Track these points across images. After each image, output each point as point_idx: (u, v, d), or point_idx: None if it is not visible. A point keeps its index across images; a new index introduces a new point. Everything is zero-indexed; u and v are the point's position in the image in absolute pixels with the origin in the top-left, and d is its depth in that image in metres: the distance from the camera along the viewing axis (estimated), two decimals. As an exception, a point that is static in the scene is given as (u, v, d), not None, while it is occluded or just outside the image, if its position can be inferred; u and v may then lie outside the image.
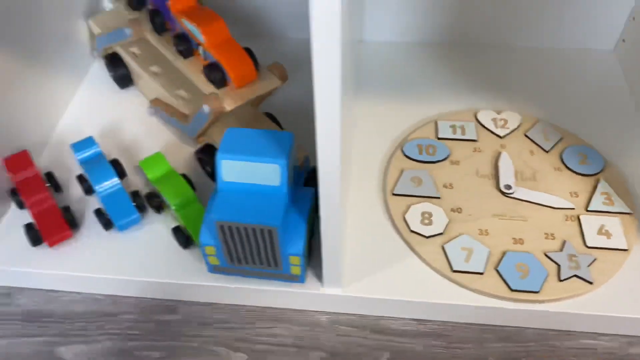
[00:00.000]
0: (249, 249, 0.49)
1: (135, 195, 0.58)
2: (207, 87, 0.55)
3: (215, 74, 0.53)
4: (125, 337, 0.54)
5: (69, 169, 0.64)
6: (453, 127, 0.65)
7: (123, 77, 0.71)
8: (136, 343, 0.54)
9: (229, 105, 0.52)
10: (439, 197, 0.58)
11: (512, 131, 0.64)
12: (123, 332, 0.55)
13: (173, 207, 0.55)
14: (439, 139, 0.64)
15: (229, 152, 0.47)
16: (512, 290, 0.51)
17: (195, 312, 0.56)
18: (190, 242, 0.56)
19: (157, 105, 0.66)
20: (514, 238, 0.55)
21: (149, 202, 0.59)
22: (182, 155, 0.65)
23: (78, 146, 0.60)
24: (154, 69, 0.66)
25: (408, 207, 0.58)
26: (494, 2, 0.72)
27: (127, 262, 0.55)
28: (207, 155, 0.60)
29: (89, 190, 0.60)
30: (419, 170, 0.60)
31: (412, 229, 0.56)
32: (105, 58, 0.71)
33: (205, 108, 0.53)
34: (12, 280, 0.57)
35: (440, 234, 0.55)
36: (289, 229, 0.48)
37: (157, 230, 0.58)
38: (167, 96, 0.64)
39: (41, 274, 0.56)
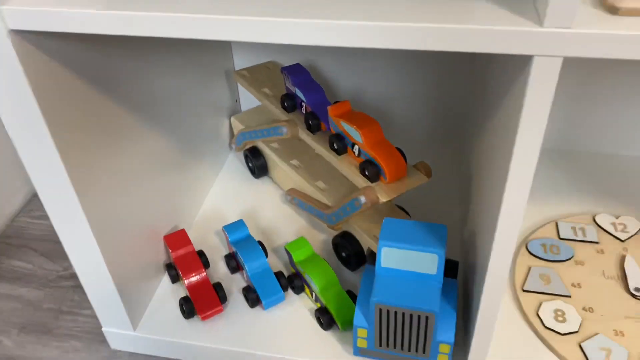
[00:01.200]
0: (400, 334, 0.52)
1: (279, 275, 0.63)
2: (359, 181, 0.60)
3: (372, 169, 0.58)
4: (268, 413, 0.57)
5: (214, 248, 0.70)
6: (573, 228, 0.68)
7: (261, 168, 0.79)
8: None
9: (383, 198, 0.57)
10: (569, 296, 0.61)
11: (632, 235, 0.67)
12: (265, 408, 0.57)
13: (318, 289, 0.60)
14: (561, 239, 0.67)
15: (390, 240, 0.51)
16: (657, 393, 0.52)
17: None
18: (331, 324, 0.59)
19: (294, 195, 0.72)
20: (650, 341, 0.56)
21: (291, 283, 0.63)
22: (314, 240, 0.70)
23: (230, 228, 0.66)
24: (294, 162, 0.74)
25: (540, 304, 0.60)
26: (604, 112, 0.77)
27: (272, 340, 0.59)
28: (344, 242, 0.65)
29: (235, 269, 0.66)
30: (546, 268, 0.63)
31: (546, 325, 0.58)
32: (246, 151, 0.79)
33: (362, 199, 0.58)
34: (161, 351, 0.62)
35: (576, 332, 0.57)
36: (441, 316, 0.52)
37: (298, 310, 0.62)
38: (306, 186, 0.70)
39: (193, 346, 0.60)
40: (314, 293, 0.61)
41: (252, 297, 0.61)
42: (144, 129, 0.61)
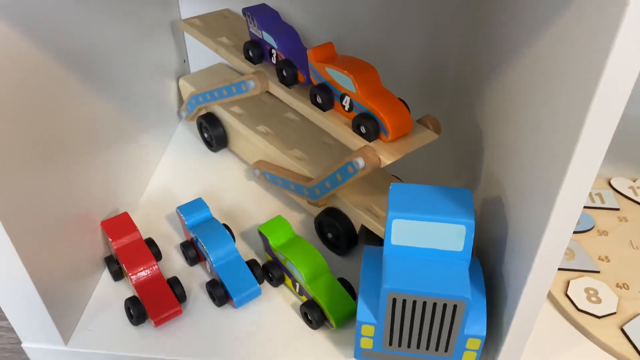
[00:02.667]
0: (418, 329, 0.41)
1: (253, 265, 0.51)
2: (353, 141, 0.48)
3: (369, 124, 0.46)
4: None
5: (166, 236, 0.56)
6: (590, 194, 0.59)
7: (219, 138, 0.65)
8: None
9: (387, 159, 0.46)
10: (598, 271, 0.51)
11: (655, 200, 0.59)
12: None
13: (303, 278, 0.48)
14: (577, 207, 0.58)
15: (403, 210, 0.40)
16: None
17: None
18: (322, 321, 0.47)
19: (263, 168, 0.59)
20: (699, 319, 0.47)
21: (268, 273, 0.51)
22: (290, 222, 0.57)
23: (187, 209, 0.53)
24: (261, 128, 0.61)
25: (567, 283, 0.50)
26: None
27: (247, 345, 0.47)
28: (331, 220, 0.53)
29: (195, 259, 0.53)
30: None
31: (579, 307, 0.48)
32: (200, 118, 0.66)
33: (360, 161, 0.46)
34: (103, 367, 0.48)
35: (614, 313, 0.48)
36: (472, 305, 0.41)
37: (278, 307, 0.50)
38: (279, 156, 0.58)
39: (142, 359, 0.46)
40: (297, 284, 0.49)
41: (219, 293, 0.49)
42: (71, 92, 0.46)
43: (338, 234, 0.53)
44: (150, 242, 0.52)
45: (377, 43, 0.71)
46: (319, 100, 0.50)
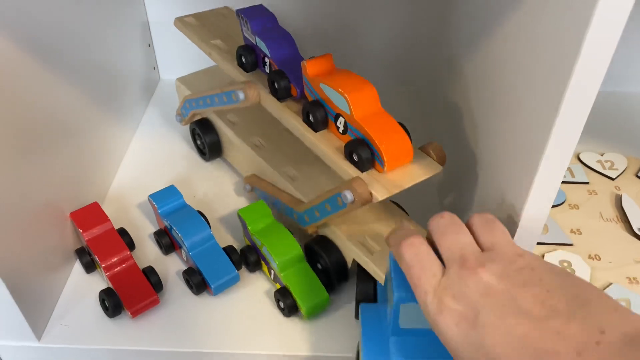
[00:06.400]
0: None
1: (230, 250, 0.50)
2: (345, 169, 0.42)
3: (363, 152, 0.41)
4: None
5: (138, 225, 0.55)
6: (560, 169, 0.60)
7: (213, 147, 0.61)
8: None
9: (380, 194, 0.40)
10: (571, 244, 0.53)
11: (622, 172, 0.60)
12: (227, 421, 0.44)
13: (277, 265, 0.47)
14: (549, 182, 0.59)
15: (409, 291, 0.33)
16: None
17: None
18: (294, 310, 0.47)
19: (255, 184, 0.55)
20: (668, 285, 0.49)
21: (245, 258, 0.50)
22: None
23: (159, 196, 0.52)
24: (256, 140, 0.56)
25: (542, 256, 0.51)
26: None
27: (225, 333, 0.46)
28: (321, 250, 0.48)
29: (169, 247, 0.51)
30: (540, 216, 0.55)
31: (554, 279, 0.49)
32: (193, 124, 0.61)
33: (348, 195, 0.41)
34: (79, 362, 0.47)
35: (587, 284, 0.49)
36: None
37: (258, 293, 0.49)
38: (271, 172, 0.54)
39: (120, 351, 0.45)
40: (272, 271, 0.49)
41: (197, 281, 0.48)
42: (34, 82, 0.44)
43: (327, 266, 0.48)
44: (122, 232, 0.51)
45: (352, 22, 0.70)
46: (311, 119, 0.45)
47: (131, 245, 0.51)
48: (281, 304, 0.47)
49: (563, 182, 0.59)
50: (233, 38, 0.55)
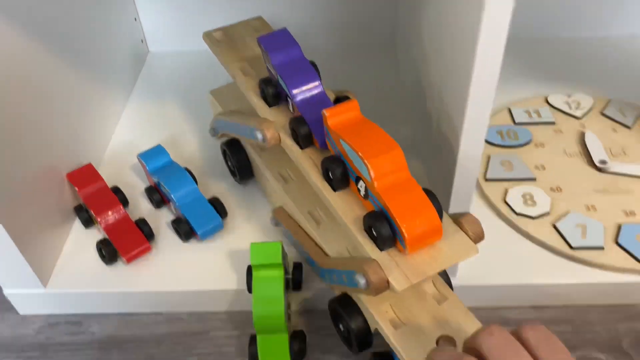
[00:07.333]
0: None
1: (215, 201, 0.54)
2: (361, 243, 0.37)
3: (382, 228, 0.35)
4: (221, 354, 0.49)
5: (132, 185, 0.59)
6: (527, 112, 0.63)
7: (243, 169, 0.56)
8: (234, 360, 0.48)
9: (399, 285, 0.35)
10: (534, 179, 0.56)
11: (588, 111, 0.63)
12: (217, 350, 0.49)
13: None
14: (516, 123, 0.62)
15: None
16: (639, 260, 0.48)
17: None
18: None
19: (281, 220, 0.50)
20: (624, 211, 0.52)
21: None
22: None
23: (147, 155, 0.56)
24: (284, 172, 0.51)
25: (506, 191, 0.55)
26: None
27: (212, 273, 0.51)
28: (343, 312, 0.43)
29: (160, 202, 0.56)
30: (506, 155, 0.58)
31: (517, 211, 0.52)
32: (223, 145, 0.57)
33: (361, 280, 0.36)
34: (83, 307, 0.51)
35: (547, 213, 0.52)
36: None
37: (240, 237, 0.54)
38: (296, 213, 0.49)
39: (118, 294, 0.50)
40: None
41: (185, 229, 0.52)
42: (21, 42, 0.48)
43: (349, 330, 0.43)
44: (116, 190, 0.55)
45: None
46: (330, 176, 0.39)
47: (125, 201, 0.56)
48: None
49: (530, 123, 0.62)
50: (261, 61, 0.48)
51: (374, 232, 0.36)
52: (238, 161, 0.56)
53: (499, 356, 0.30)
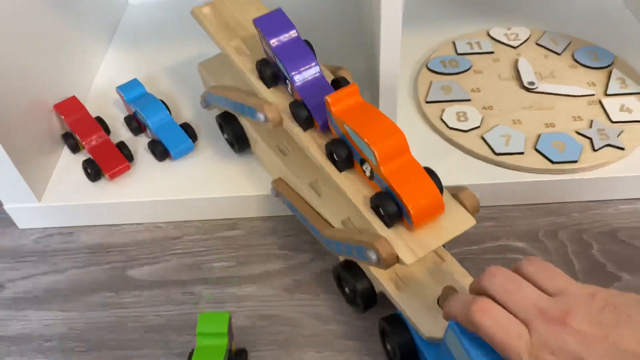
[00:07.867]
0: None
1: (186, 126, 0.61)
2: (372, 219, 0.40)
3: (389, 207, 0.38)
4: (192, 254, 0.57)
5: (113, 116, 0.66)
6: (470, 44, 0.69)
7: (240, 140, 0.57)
8: (203, 257, 0.56)
9: (407, 259, 0.38)
10: (469, 100, 0.63)
11: (524, 42, 0.69)
12: (189, 250, 0.57)
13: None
14: (458, 54, 0.68)
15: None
16: (553, 162, 0.55)
17: (256, 226, 0.58)
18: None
19: (282, 191, 0.52)
20: (545, 123, 0.59)
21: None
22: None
23: (125, 87, 0.63)
24: (282, 145, 0.52)
25: (443, 110, 0.62)
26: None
27: (185, 185, 0.58)
28: (349, 277, 0.46)
29: (137, 129, 0.63)
30: (447, 81, 0.65)
31: (450, 126, 0.60)
32: (218, 117, 0.59)
33: (372, 255, 0.39)
34: (73, 219, 0.59)
35: (478, 127, 0.59)
36: None
37: (211, 157, 0.61)
38: (297, 185, 0.50)
39: (104, 205, 0.58)
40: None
41: (159, 149, 0.59)
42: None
43: (355, 292, 0.47)
44: (99, 120, 0.63)
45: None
46: (335, 157, 0.42)
47: (107, 130, 0.63)
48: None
49: (471, 54, 0.68)
50: (256, 37, 0.48)
51: (381, 211, 0.40)
52: (235, 133, 0.57)
53: (505, 292, 0.33)
